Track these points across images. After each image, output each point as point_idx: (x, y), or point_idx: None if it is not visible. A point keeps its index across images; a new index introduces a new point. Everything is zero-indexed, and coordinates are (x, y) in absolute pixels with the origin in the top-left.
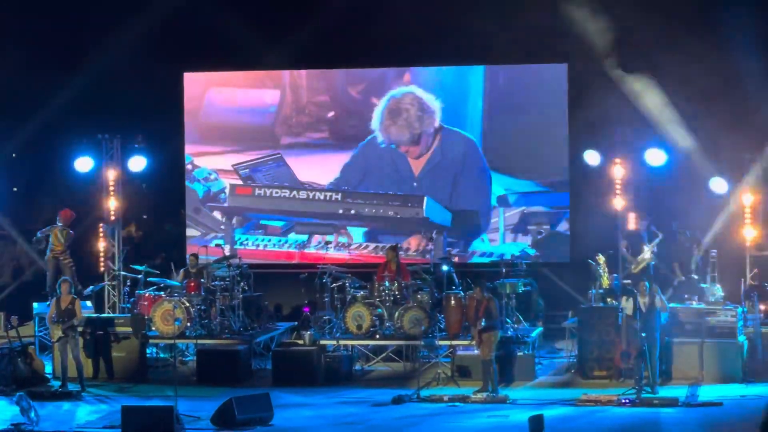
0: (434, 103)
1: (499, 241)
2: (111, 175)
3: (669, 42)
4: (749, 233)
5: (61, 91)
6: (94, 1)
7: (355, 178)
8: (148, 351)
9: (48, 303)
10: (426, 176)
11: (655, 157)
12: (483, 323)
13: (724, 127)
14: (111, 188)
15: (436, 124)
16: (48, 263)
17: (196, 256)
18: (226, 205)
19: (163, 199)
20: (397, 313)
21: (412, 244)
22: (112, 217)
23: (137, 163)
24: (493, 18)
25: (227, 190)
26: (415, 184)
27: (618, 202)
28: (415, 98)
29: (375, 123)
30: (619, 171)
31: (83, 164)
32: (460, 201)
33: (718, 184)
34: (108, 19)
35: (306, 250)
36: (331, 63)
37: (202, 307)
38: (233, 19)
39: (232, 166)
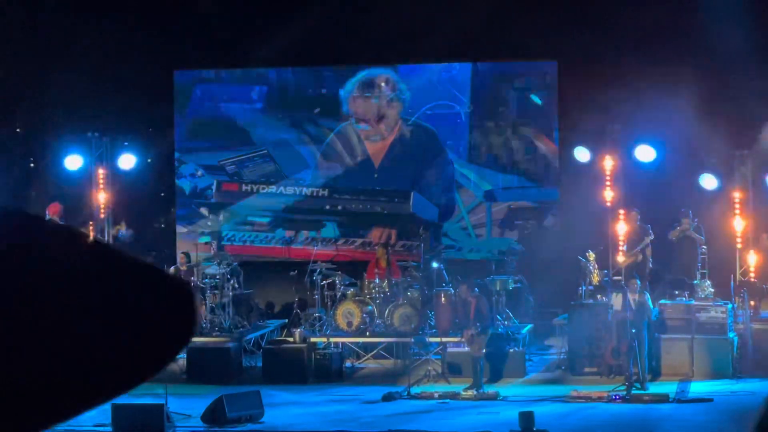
0: (405, 93)
1: (486, 236)
2: (101, 173)
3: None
4: (739, 229)
5: (51, 88)
6: None
7: (325, 175)
8: None
9: None
10: (385, 169)
11: (646, 153)
12: (478, 327)
13: (714, 124)
14: (101, 186)
15: (401, 110)
16: None
17: (187, 254)
18: (212, 201)
19: (154, 197)
20: (387, 311)
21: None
22: (102, 216)
23: (127, 161)
24: (482, 14)
25: (214, 186)
26: (375, 176)
27: (608, 199)
28: (391, 79)
29: (345, 92)
30: (608, 167)
31: (73, 162)
32: (422, 193)
33: (709, 181)
34: (98, 15)
35: (293, 246)
36: (317, 60)
37: None
38: (222, 16)
39: (219, 161)
